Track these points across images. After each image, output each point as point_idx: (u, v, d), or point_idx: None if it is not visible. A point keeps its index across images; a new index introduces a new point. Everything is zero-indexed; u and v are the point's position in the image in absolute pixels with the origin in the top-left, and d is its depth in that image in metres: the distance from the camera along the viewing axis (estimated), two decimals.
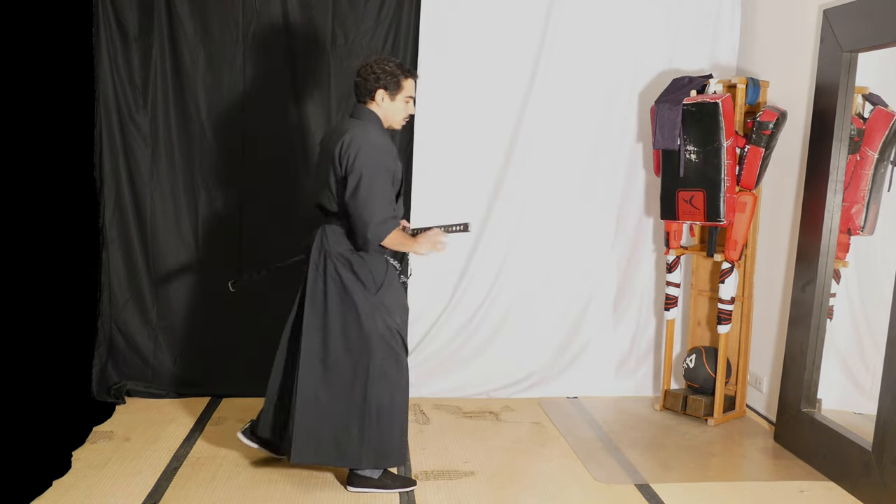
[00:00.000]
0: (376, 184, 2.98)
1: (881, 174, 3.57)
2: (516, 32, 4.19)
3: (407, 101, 3.12)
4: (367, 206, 2.97)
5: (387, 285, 3.15)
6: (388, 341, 3.13)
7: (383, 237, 3.01)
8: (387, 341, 3.13)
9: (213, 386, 4.27)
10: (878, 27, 3.27)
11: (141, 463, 3.41)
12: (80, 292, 4.05)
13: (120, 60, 4.08)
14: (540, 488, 3.30)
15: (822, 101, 3.60)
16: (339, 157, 3.01)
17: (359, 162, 2.97)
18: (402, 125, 3.20)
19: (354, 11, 4.15)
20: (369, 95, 3.09)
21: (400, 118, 3.15)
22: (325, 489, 3.23)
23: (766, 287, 4.13)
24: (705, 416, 4.08)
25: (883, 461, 3.09)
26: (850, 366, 3.76)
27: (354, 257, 3.10)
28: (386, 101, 3.09)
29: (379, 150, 3.02)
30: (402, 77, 3.08)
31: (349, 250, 3.11)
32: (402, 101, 3.11)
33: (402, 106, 3.12)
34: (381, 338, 3.12)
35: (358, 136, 3.01)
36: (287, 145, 4.23)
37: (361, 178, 2.96)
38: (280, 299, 4.33)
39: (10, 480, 3.08)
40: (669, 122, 3.83)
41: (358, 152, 2.97)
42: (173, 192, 4.21)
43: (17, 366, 3.46)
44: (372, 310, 3.11)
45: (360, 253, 3.10)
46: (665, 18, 4.27)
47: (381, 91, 3.07)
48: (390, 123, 3.15)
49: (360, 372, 3.11)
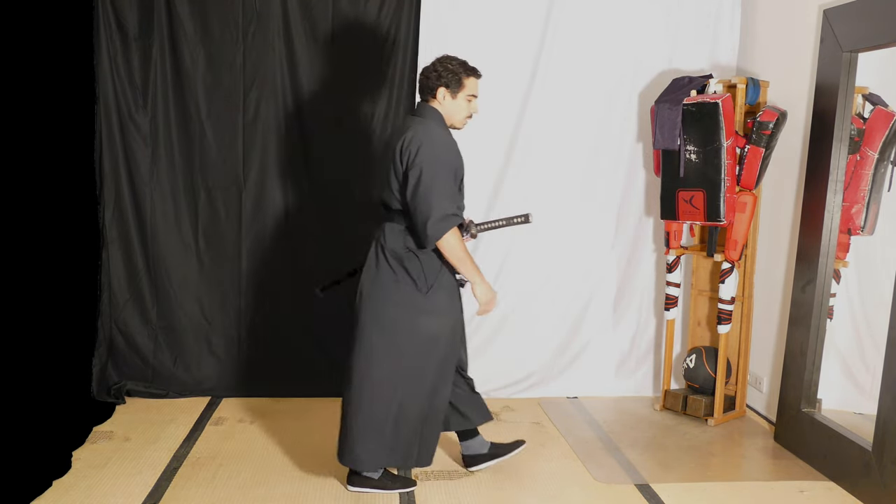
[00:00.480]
0: (437, 179, 2.95)
1: (881, 174, 3.57)
2: (516, 32, 4.19)
3: (469, 99, 3.10)
4: (426, 201, 2.94)
5: (438, 287, 3.09)
6: (426, 344, 3.10)
7: (442, 233, 2.95)
8: (425, 343, 3.09)
9: (213, 386, 4.27)
10: (878, 27, 3.27)
11: (141, 463, 3.41)
12: (80, 292, 4.05)
13: (120, 60, 4.08)
14: (540, 488, 3.30)
15: (822, 101, 3.60)
16: (401, 154, 3.01)
17: (419, 157, 2.95)
18: (464, 124, 3.16)
19: (354, 11, 4.15)
20: (431, 93, 3.10)
21: (461, 116, 3.12)
22: (325, 488, 3.23)
23: (766, 287, 4.13)
24: (705, 416, 4.08)
25: (883, 461, 3.09)
26: (850, 366, 3.76)
27: (408, 255, 3.07)
28: (447, 99, 3.08)
29: (440, 146, 3.00)
30: (463, 75, 3.06)
31: (404, 248, 3.08)
32: (463, 99, 3.09)
33: (463, 104, 3.10)
34: (421, 339, 3.09)
35: (420, 133, 3.01)
36: (287, 145, 4.23)
37: (422, 173, 2.94)
38: (280, 299, 4.35)
39: (10, 480, 3.08)
40: (669, 122, 3.83)
41: (419, 148, 2.96)
42: (173, 192, 4.21)
43: (17, 366, 3.46)
44: (418, 310, 3.07)
45: (415, 251, 3.06)
46: (665, 18, 4.27)
47: (442, 89, 3.07)
48: (452, 122, 3.13)
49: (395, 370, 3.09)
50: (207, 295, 4.28)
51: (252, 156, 4.22)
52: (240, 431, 3.81)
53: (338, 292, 4.34)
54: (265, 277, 4.30)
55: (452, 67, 3.06)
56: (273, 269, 4.30)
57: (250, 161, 4.22)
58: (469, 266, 3.02)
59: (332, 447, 3.64)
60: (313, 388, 4.31)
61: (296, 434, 3.79)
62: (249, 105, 4.19)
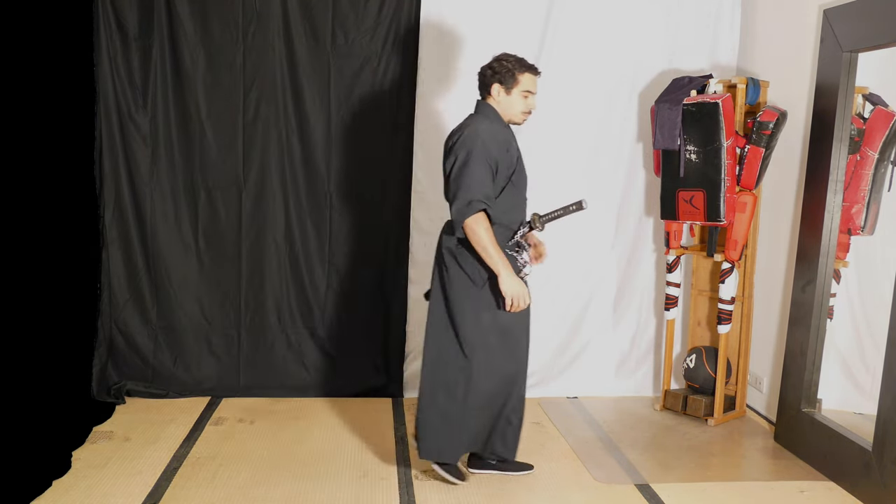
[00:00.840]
0: (468, 166, 2.96)
1: (881, 174, 3.57)
2: (516, 32, 4.18)
3: (525, 95, 3.10)
4: (455, 186, 2.98)
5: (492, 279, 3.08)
6: (483, 338, 3.13)
7: (464, 217, 2.95)
8: (482, 338, 3.12)
9: (213, 386, 4.27)
10: (878, 27, 3.27)
11: (141, 463, 3.41)
12: (80, 292, 4.05)
13: (120, 60, 4.08)
14: (540, 488, 3.30)
15: (822, 101, 3.60)
16: (445, 148, 3.09)
17: (456, 146, 3.01)
18: (523, 119, 3.16)
19: (354, 11, 4.15)
20: (486, 90, 3.13)
21: (517, 111, 3.12)
22: (325, 488, 3.23)
23: (766, 287, 4.13)
24: (705, 416, 4.08)
25: (883, 461, 3.09)
26: (850, 366, 3.76)
27: (459, 250, 3.10)
28: (502, 94, 3.10)
29: (481, 136, 3.01)
30: (517, 71, 3.07)
31: (456, 243, 3.11)
32: (518, 95, 3.09)
33: (518, 100, 3.10)
34: (477, 334, 3.11)
35: (464, 126, 3.08)
36: (287, 145, 4.23)
37: (456, 159, 2.99)
38: (280, 299, 4.35)
39: (10, 480, 3.08)
40: (669, 122, 3.83)
41: (459, 138, 3.03)
42: (173, 192, 4.21)
43: (17, 366, 3.46)
44: (475, 305, 3.10)
45: (466, 246, 3.08)
46: (665, 18, 4.27)
47: (496, 85, 3.09)
48: (510, 118, 3.14)
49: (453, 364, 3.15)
50: (207, 295, 4.28)
51: (252, 156, 4.22)
52: (240, 431, 3.81)
53: (338, 293, 4.37)
54: (265, 277, 4.30)
55: (507, 64, 3.08)
56: (273, 269, 4.30)
57: (250, 161, 4.22)
58: (492, 257, 2.98)
59: (332, 447, 3.65)
60: (313, 388, 4.32)
61: (296, 434, 3.79)
62: (249, 105, 4.19)
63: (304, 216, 4.28)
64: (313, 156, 4.24)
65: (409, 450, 3.63)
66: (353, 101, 4.22)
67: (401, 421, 4.00)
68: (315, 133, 4.22)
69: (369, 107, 4.23)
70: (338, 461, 3.50)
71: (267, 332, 4.33)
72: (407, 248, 4.30)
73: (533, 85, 3.12)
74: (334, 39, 4.17)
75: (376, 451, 3.62)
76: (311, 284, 4.32)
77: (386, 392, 4.34)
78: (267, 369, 4.33)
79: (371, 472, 3.40)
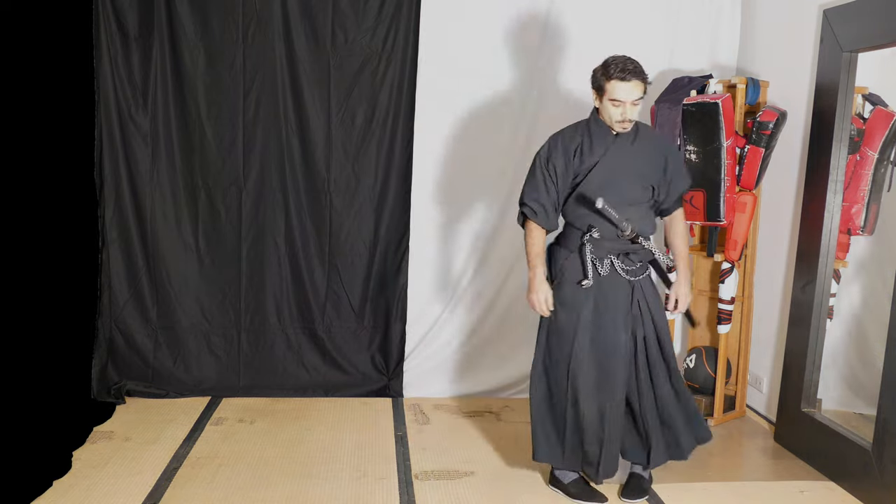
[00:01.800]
0: (529, 171, 3.16)
1: (881, 174, 3.57)
2: (516, 32, 4.19)
3: (614, 103, 2.97)
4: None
5: (559, 282, 3.13)
6: (547, 336, 3.17)
7: (518, 221, 3.19)
8: (546, 336, 3.18)
9: (213, 386, 4.27)
10: (878, 27, 3.27)
11: (141, 463, 3.42)
12: (79, 292, 4.05)
13: (120, 60, 4.08)
14: (540, 488, 3.30)
15: (822, 101, 3.60)
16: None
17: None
18: (621, 127, 3.02)
19: (354, 11, 4.15)
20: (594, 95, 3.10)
21: (611, 118, 3.03)
22: (325, 488, 3.23)
23: (766, 287, 4.13)
24: (705, 416, 4.07)
25: (883, 461, 3.09)
26: (850, 366, 3.75)
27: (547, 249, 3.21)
28: (597, 101, 3.07)
29: (547, 143, 3.14)
30: (604, 79, 2.98)
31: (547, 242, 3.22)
32: (608, 102, 3.00)
33: (609, 107, 3.01)
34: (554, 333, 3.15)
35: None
36: (287, 145, 4.23)
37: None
38: (280, 299, 4.35)
39: (10, 480, 3.08)
40: (669, 122, 3.83)
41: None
42: (173, 192, 4.21)
43: (17, 366, 3.46)
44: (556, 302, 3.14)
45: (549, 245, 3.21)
46: (665, 18, 4.27)
47: (593, 91, 3.07)
48: (609, 124, 3.07)
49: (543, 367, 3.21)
50: (207, 295, 4.28)
51: (252, 156, 4.22)
52: (240, 431, 3.81)
53: (338, 293, 4.37)
54: (265, 277, 4.30)
55: (597, 70, 3.02)
56: (273, 269, 4.30)
57: (250, 161, 4.22)
58: (528, 260, 3.12)
59: (332, 447, 3.65)
60: (313, 388, 4.32)
61: (296, 434, 3.79)
62: (249, 105, 4.19)
63: (304, 216, 4.28)
64: (313, 156, 4.24)
65: (408, 450, 3.64)
66: (353, 101, 4.22)
67: (401, 421, 4.00)
68: (315, 133, 4.22)
69: (369, 107, 4.23)
70: (338, 461, 3.50)
71: (267, 332, 4.33)
72: (407, 249, 4.30)
73: (620, 92, 2.93)
74: (334, 39, 4.17)
75: (376, 451, 3.62)
76: (311, 284, 4.32)
77: (386, 392, 4.34)
78: (267, 369, 4.33)
79: (371, 472, 3.40)
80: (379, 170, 4.28)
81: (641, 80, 2.96)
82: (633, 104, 2.97)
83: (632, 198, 3.07)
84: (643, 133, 3.13)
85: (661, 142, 3.23)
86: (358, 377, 4.36)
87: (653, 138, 3.19)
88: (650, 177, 3.11)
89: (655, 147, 3.15)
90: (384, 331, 4.38)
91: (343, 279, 4.32)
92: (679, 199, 3.23)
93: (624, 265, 3.07)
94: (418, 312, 4.34)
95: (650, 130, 3.25)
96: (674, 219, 3.27)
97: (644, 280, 3.13)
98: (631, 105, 2.97)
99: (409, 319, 4.33)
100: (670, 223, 3.29)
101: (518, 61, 4.21)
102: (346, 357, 4.36)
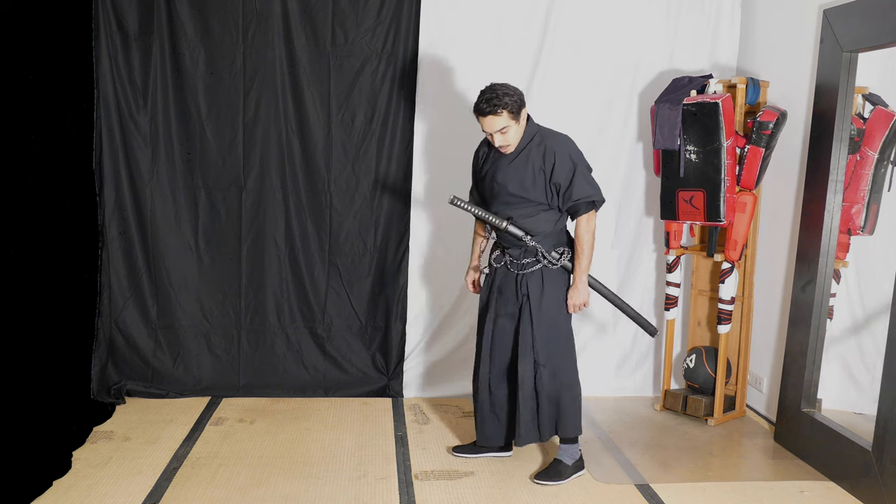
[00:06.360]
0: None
1: (881, 174, 3.57)
2: (516, 32, 4.19)
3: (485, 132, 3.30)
4: None
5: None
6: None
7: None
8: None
9: (213, 386, 4.27)
10: (878, 27, 3.27)
11: (141, 463, 3.42)
12: (79, 292, 4.05)
13: (120, 60, 4.08)
14: (540, 488, 3.30)
15: (822, 101, 3.60)
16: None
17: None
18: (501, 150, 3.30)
19: (354, 11, 4.15)
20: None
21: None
22: (325, 488, 3.23)
23: (766, 287, 4.13)
24: (705, 416, 4.08)
25: (883, 461, 3.09)
26: (850, 366, 3.75)
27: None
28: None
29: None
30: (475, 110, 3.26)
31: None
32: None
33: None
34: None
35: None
36: (287, 145, 4.23)
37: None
38: (280, 298, 4.35)
39: (10, 480, 3.07)
40: (669, 122, 3.83)
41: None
42: (173, 192, 4.21)
43: (16, 366, 3.45)
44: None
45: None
46: (665, 18, 4.27)
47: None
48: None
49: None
50: (207, 295, 4.28)
51: (252, 156, 4.22)
52: (240, 431, 3.81)
53: (338, 293, 4.37)
54: (265, 277, 4.30)
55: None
56: (273, 269, 4.30)
57: (250, 161, 4.23)
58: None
59: (332, 447, 3.65)
60: (313, 388, 4.32)
61: (296, 434, 3.79)
62: (249, 105, 4.19)
63: (304, 216, 4.28)
64: (313, 156, 4.24)
65: (408, 450, 3.64)
66: (353, 101, 4.22)
67: (401, 421, 4.00)
68: (315, 133, 4.22)
69: (369, 107, 4.23)
70: (338, 461, 3.50)
71: (267, 331, 4.33)
72: (407, 249, 4.30)
73: (485, 125, 3.18)
74: (334, 39, 4.17)
75: (376, 451, 3.63)
76: (311, 284, 4.32)
77: (386, 392, 4.35)
78: (267, 369, 4.33)
79: (371, 472, 3.40)
80: (379, 170, 4.28)
81: (496, 113, 3.12)
82: (500, 133, 3.18)
83: (512, 201, 3.31)
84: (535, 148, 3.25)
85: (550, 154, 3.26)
86: (358, 377, 4.36)
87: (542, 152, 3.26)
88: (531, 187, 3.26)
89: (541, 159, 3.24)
90: (384, 331, 4.38)
91: (343, 279, 4.33)
92: (577, 204, 3.29)
93: (512, 258, 3.34)
94: (418, 312, 4.34)
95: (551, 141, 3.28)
96: (576, 223, 3.34)
97: (532, 274, 3.31)
98: (500, 133, 3.18)
99: (409, 319, 4.33)
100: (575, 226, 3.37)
101: (518, 61, 4.21)
102: (346, 357, 4.36)
